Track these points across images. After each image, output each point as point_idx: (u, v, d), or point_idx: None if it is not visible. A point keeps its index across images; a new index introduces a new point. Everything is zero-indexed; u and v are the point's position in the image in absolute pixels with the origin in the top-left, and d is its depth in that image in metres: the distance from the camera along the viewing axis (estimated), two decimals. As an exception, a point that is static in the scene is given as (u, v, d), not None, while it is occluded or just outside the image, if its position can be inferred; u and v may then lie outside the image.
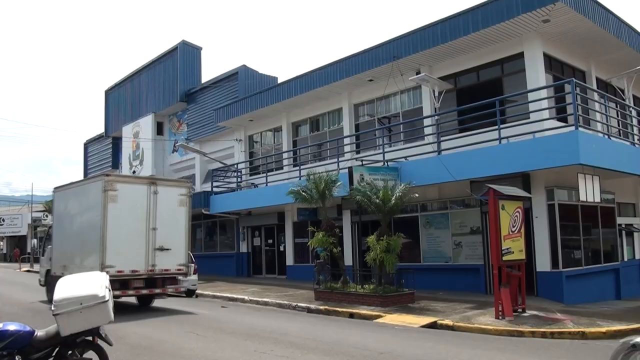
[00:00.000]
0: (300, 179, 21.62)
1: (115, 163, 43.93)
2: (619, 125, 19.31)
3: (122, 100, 42.40)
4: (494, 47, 18.75)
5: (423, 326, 13.09)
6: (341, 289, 17.42)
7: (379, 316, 14.47)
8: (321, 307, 16.26)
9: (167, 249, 15.67)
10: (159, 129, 38.02)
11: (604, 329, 12.09)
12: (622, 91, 20.06)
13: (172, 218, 15.96)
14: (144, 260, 15.29)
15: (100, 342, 6.77)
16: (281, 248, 27.75)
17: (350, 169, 18.73)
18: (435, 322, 13.32)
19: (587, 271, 17.58)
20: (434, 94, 19.39)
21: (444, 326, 13.04)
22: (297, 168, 24.37)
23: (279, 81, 28.99)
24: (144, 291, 15.58)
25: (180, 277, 16.37)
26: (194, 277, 21.10)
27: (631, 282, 20.00)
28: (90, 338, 6.70)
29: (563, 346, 10.83)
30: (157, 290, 15.82)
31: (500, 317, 13.33)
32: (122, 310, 14.89)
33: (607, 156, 15.93)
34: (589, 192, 15.71)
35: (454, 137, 18.66)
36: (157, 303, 17.75)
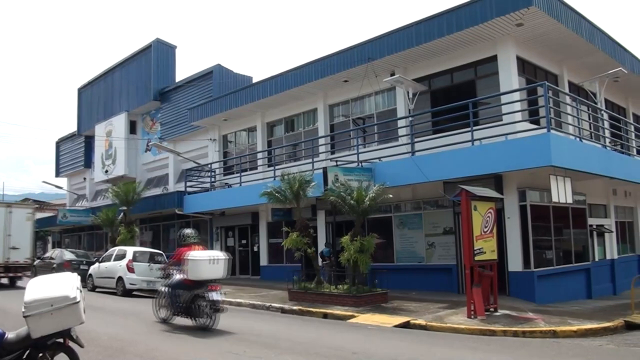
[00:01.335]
0: (274, 179, 21.60)
1: (88, 162, 43.47)
2: (590, 128, 19.63)
3: (95, 99, 41.92)
4: (468, 50, 18.92)
5: (396, 326, 13.15)
6: (315, 289, 17.43)
7: (353, 316, 14.50)
8: (295, 308, 16.24)
9: (17, 248, 22.79)
10: (132, 128, 37.67)
11: (574, 328, 12.27)
12: (594, 95, 20.37)
13: (21, 228, 23.09)
14: (2, 255, 22.50)
15: (71, 344, 6.65)
16: (255, 248, 27.67)
17: (324, 169, 18.75)
18: (408, 321, 13.39)
19: (559, 271, 17.84)
20: (408, 96, 19.51)
21: (417, 326, 13.12)
22: (272, 168, 24.32)
23: (254, 81, 28.92)
24: (3, 275, 22.91)
25: (26, 267, 23.48)
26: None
27: (602, 282, 20.35)
28: (61, 340, 6.59)
29: (534, 345, 10.96)
30: (11, 274, 22.96)
31: (472, 317, 13.46)
32: (94, 312, 14.74)
33: (579, 158, 16.18)
34: (561, 193, 15.94)
35: (428, 139, 18.79)
36: (129, 304, 17.57)
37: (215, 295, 11.82)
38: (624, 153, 20.85)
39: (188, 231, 13.63)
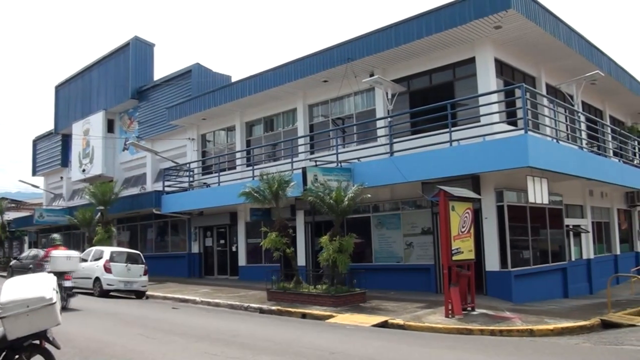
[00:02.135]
0: (253, 179, 21.55)
1: (65, 161, 42.98)
2: (567, 130, 19.84)
3: (73, 97, 41.44)
4: (446, 52, 19.03)
5: (374, 326, 13.19)
6: (294, 289, 17.43)
7: (331, 316, 14.52)
8: (273, 308, 16.23)
9: None
10: (110, 126, 37.29)
11: (551, 327, 12.41)
12: (571, 97, 20.62)
13: None
14: None
15: (47, 345, 6.57)
16: (233, 248, 27.56)
17: (304, 169, 18.75)
18: (386, 321, 13.44)
19: (536, 270, 18.02)
20: (387, 96, 19.58)
21: (395, 325, 13.17)
22: (251, 168, 24.24)
23: (233, 80, 28.81)
24: None
25: None
26: (144, 278, 20.86)
27: (578, 281, 20.61)
28: (37, 341, 6.51)
29: (511, 343, 11.06)
30: None
31: (450, 316, 13.55)
32: (71, 313, 14.63)
33: (556, 159, 16.35)
34: (538, 194, 16.12)
35: (407, 139, 18.88)
36: (106, 305, 17.44)
37: (68, 283, 15.68)
38: (601, 154, 21.12)
39: (55, 236, 17.97)
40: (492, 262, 17.15)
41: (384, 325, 13.31)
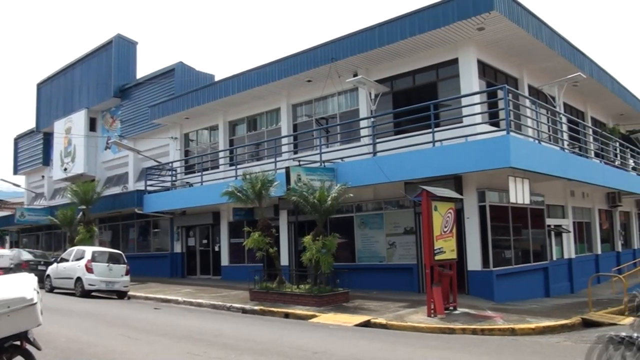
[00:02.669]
0: (236, 178, 21.48)
1: (47, 159, 42.54)
2: (549, 131, 19.99)
3: (55, 95, 41.04)
4: (429, 52, 19.11)
5: (357, 325, 13.22)
6: (277, 289, 17.41)
7: (314, 316, 14.53)
8: (256, 308, 16.20)
9: None
10: (92, 125, 36.99)
11: (532, 326, 12.52)
12: (553, 98, 20.78)
13: None
14: None
15: (28, 346, 6.50)
16: (216, 248, 27.47)
17: (287, 169, 18.73)
18: (369, 321, 13.48)
19: (517, 270, 18.14)
20: (370, 97, 19.62)
21: (378, 325, 13.21)
22: (234, 167, 24.16)
23: (217, 79, 28.71)
24: None
25: None
26: (126, 278, 20.74)
27: (560, 281, 20.78)
28: (18, 342, 6.44)
29: (493, 342, 11.14)
30: None
31: (432, 315, 13.62)
32: (52, 314, 14.48)
33: (537, 160, 16.48)
34: (519, 194, 16.26)
35: (390, 139, 18.93)
36: (88, 305, 17.30)
37: None
38: (582, 155, 21.30)
39: None
40: (474, 262, 17.25)
41: (366, 324, 13.35)
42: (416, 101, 18.38)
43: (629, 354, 6.12)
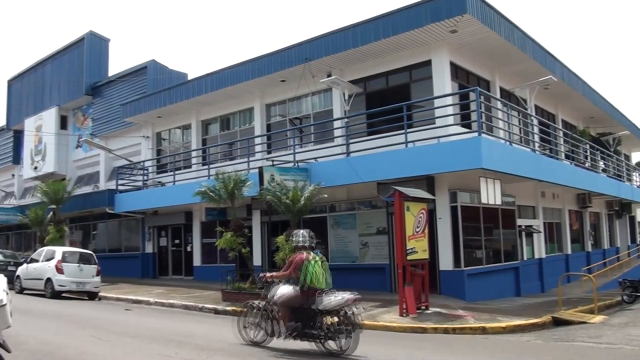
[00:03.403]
0: (209, 178, 21.37)
1: (17, 158, 41.76)
2: (520, 133, 20.24)
3: (26, 92, 40.31)
4: (403, 54, 19.20)
5: (330, 325, 13.21)
6: (249, 289, 17.33)
7: (287, 316, 14.47)
8: (228, 308, 16.11)
9: None
10: (63, 123, 36.43)
11: (503, 324, 12.67)
12: (525, 101, 21.05)
13: None
14: None
15: None
16: (188, 248, 27.30)
17: (260, 168, 18.68)
18: (341, 321, 13.46)
19: (488, 270, 18.36)
20: (344, 97, 19.66)
21: (350, 325, 13.20)
22: (207, 167, 24.02)
23: (190, 78, 28.51)
24: None
25: None
26: (97, 279, 20.48)
27: (530, 280, 21.08)
28: None
29: (464, 341, 11.24)
30: None
31: (404, 315, 13.69)
32: (22, 315, 14.27)
33: (508, 161, 16.68)
34: (490, 195, 16.45)
35: (363, 140, 18.99)
36: (58, 307, 17.08)
37: None
38: (553, 157, 21.61)
39: None
40: (445, 262, 17.40)
41: (339, 324, 13.34)
42: (389, 102, 18.48)
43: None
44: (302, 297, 9.62)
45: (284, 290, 9.80)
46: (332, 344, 9.42)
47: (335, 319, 9.44)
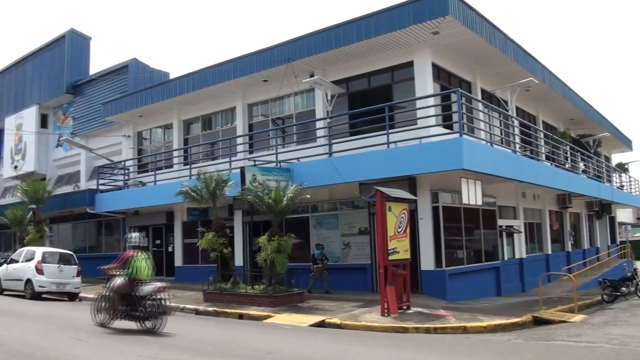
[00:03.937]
0: (190, 178, 21.27)
1: (-3, 156, 41.36)
2: (501, 134, 20.39)
3: (6, 90, 39.81)
4: (385, 55, 19.25)
5: (311, 325, 13.26)
6: (231, 289, 17.31)
7: (269, 316, 14.50)
8: (210, 309, 16.08)
9: None
10: (44, 121, 36.07)
11: (484, 324, 12.76)
12: (506, 102, 21.21)
13: None
14: None
15: None
16: (169, 249, 27.13)
17: (242, 168, 18.65)
18: (323, 321, 13.52)
19: (469, 270, 18.48)
20: (326, 97, 19.68)
21: (332, 325, 13.26)
22: (188, 167, 23.90)
23: (172, 77, 28.37)
24: None
25: None
26: (78, 279, 20.30)
27: (511, 280, 21.25)
28: None
29: (446, 341, 11.30)
30: None
31: (386, 315, 13.74)
32: (1, 317, 14.16)
33: (489, 162, 16.80)
34: (472, 195, 16.55)
35: (345, 140, 19.03)
36: (38, 308, 16.91)
37: None
38: (533, 158, 21.75)
39: None
40: (427, 262, 17.49)
41: (321, 324, 13.39)
42: (371, 102, 18.53)
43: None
44: (129, 286, 12.03)
45: (118, 280, 12.35)
46: (147, 324, 11.66)
47: (150, 302, 11.66)
